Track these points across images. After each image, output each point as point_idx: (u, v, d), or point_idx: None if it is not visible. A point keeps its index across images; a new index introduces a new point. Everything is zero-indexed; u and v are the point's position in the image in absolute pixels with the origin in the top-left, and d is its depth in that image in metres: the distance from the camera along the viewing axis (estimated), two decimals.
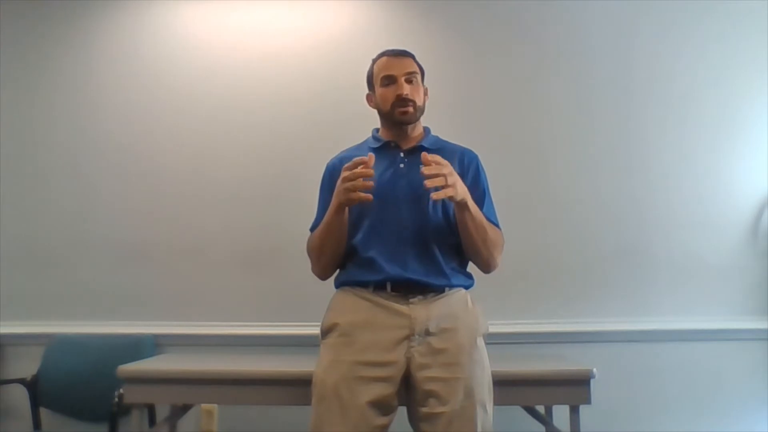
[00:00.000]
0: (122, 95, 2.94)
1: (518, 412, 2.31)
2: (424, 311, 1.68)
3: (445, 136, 2.94)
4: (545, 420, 2.34)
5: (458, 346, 1.64)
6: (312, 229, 1.89)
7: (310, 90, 2.88)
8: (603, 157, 2.82)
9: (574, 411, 2.03)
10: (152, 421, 2.46)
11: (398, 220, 1.73)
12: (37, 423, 2.69)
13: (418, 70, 1.89)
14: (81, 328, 2.79)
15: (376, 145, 1.89)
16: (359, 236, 1.77)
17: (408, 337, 1.67)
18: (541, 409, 2.38)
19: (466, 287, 1.82)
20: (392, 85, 1.82)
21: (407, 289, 1.70)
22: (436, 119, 2.84)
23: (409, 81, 1.83)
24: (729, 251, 2.75)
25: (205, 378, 2.13)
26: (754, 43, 2.81)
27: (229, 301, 2.81)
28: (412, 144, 1.86)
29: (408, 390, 1.67)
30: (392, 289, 1.71)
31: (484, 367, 1.67)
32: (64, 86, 2.96)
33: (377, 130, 1.97)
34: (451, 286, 1.74)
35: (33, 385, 2.70)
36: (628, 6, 2.87)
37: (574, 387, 2.04)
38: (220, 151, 2.89)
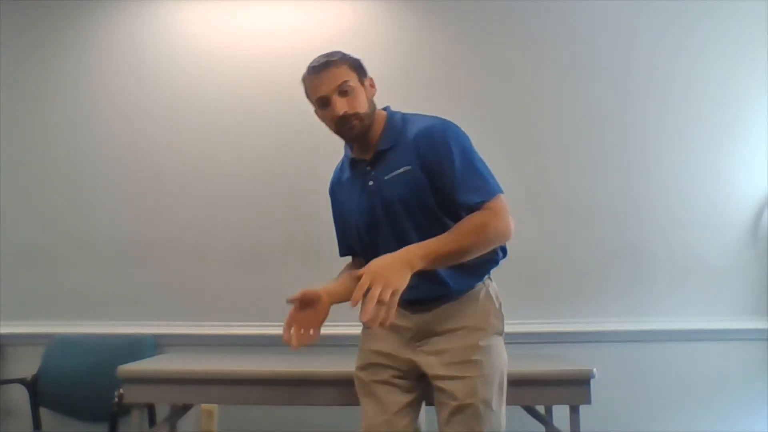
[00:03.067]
0: (122, 95, 2.94)
1: (518, 412, 2.31)
2: (428, 315, 1.66)
3: None
4: (545, 420, 2.34)
5: (463, 346, 1.62)
6: (340, 253, 1.85)
7: None
8: (603, 157, 2.82)
9: (574, 411, 2.03)
10: (152, 421, 2.47)
11: (384, 243, 1.64)
12: (37, 423, 2.69)
13: (349, 72, 1.68)
14: (81, 328, 2.79)
15: (348, 162, 1.80)
16: (364, 257, 1.73)
17: (413, 338, 1.66)
18: (541, 409, 2.38)
19: (469, 286, 1.69)
20: (328, 107, 1.66)
21: (410, 304, 1.65)
22: None
23: (343, 93, 1.65)
24: (729, 251, 2.75)
25: (205, 378, 2.13)
26: (754, 43, 2.81)
27: (229, 301, 2.81)
28: (373, 152, 1.70)
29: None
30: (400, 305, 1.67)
31: (493, 365, 1.61)
32: (64, 86, 2.96)
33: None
34: (458, 291, 1.66)
35: (33, 385, 2.70)
36: (628, 6, 2.87)
37: (574, 387, 2.04)
38: (220, 151, 2.89)
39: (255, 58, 2.90)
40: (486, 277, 1.70)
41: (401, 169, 1.62)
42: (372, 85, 1.76)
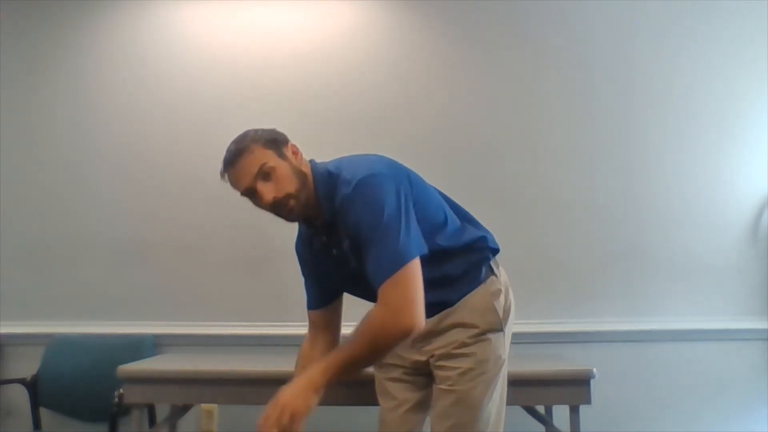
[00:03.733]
0: (122, 95, 2.94)
1: (518, 412, 2.31)
2: (429, 322, 1.64)
3: (444, 136, 2.95)
4: (545, 420, 2.34)
5: (454, 341, 1.62)
6: (308, 306, 1.77)
7: (311, 90, 2.88)
8: (603, 157, 2.82)
9: (574, 411, 2.03)
10: (152, 421, 2.47)
11: (366, 292, 1.59)
12: (37, 423, 2.69)
13: (264, 154, 1.56)
14: (81, 328, 2.79)
15: (300, 228, 1.75)
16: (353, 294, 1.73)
17: (416, 340, 1.65)
18: (541, 409, 2.38)
19: (468, 291, 1.66)
20: (256, 197, 1.56)
21: None
22: (436, 120, 2.86)
23: (266, 177, 1.53)
24: (729, 251, 2.75)
25: (205, 378, 2.13)
26: (754, 43, 2.81)
27: (229, 301, 2.81)
28: (320, 220, 1.60)
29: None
30: None
31: (481, 360, 1.59)
32: (64, 86, 2.96)
33: None
34: (457, 299, 1.64)
35: (33, 385, 2.70)
36: (628, 6, 2.87)
37: (574, 387, 2.04)
38: (221, 151, 2.88)
39: (255, 58, 2.90)
40: (484, 276, 1.67)
41: (345, 245, 1.55)
42: (295, 152, 1.62)
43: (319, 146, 3.05)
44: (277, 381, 2.08)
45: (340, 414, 2.15)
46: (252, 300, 2.80)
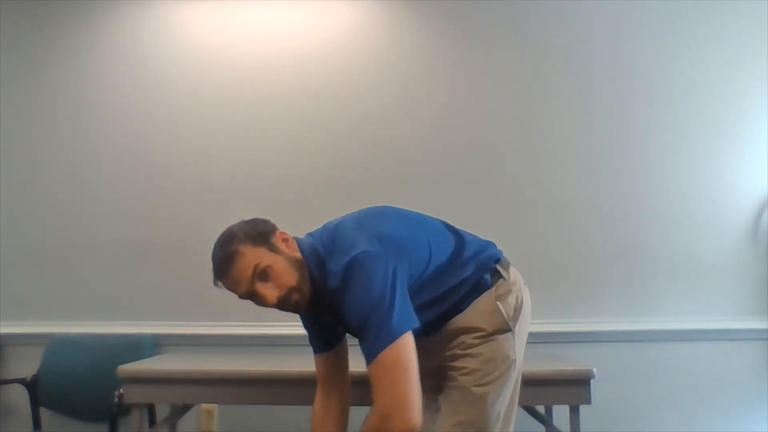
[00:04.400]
0: (122, 95, 2.94)
1: (518, 412, 2.30)
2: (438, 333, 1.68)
3: (444, 136, 2.95)
4: (545, 420, 2.34)
5: (462, 342, 1.64)
6: (314, 351, 1.79)
7: (311, 90, 2.88)
8: (603, 158, 2.82)
9: (574, 411, 2.03)
10: (152, 421, 2.46)
11: None
12: (37, 423, 2.69)
13: (254, 254, 1.51)
14: (81, 328, 2.79)
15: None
16: None
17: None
18: (541, 409, 2.38)
19: (474, 299, 1.66)
20: (259, 299, 1.52)
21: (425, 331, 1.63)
22: (436, 120, 2.86)
23: (263, 278, 1.49)
24: (729, 251, 2.75)
25: (205, 378, 2.13)
26: (754, 43, 2.81)
27: (229, 301, 2.79)
28: (323, 302, 1.57)
29: None
30: None
31: (485, 359, 1.60)
32: (64, 86, 2.96)
33: None
34: (465, 308, 1.65)
35: (33, 385, 2.70)
36: (628, 6, 2.87)
37: (574, 387, 2.03)
38: (220, 151, 2.89)
39: (255, 58, 2.90)
40: (489, 284, 1.66)
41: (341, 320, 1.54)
42: (285, 240, 1.56)
43: (319, 146, 3.07)
44: (277, 381, 2.10)
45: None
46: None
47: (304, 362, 2.16)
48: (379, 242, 1.50)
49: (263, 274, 1.49)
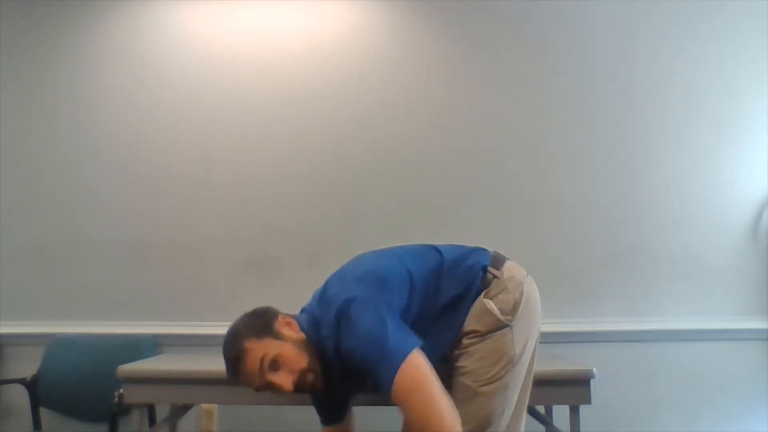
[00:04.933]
0: (122, 95, 2.94)
1: None
2: None
3: (444, 137, 2.96)
4: (545, 420, 2.34)
5: (457, 344, 1.66)
6: (322, 422, 1.85)
7: (311, 90, 2.88)
8: (603, 158, 2.82)
9: (574, 411, 2.03)
10: (152, 421, 2.46)
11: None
12: (37, 423, 2.69)
13: (260, 346, 1.53)
14: (81, 328, 2.79)
15: None
16: None
17: None
18: (541, 409, 2.38)
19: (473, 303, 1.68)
20: (276, 389, 1.53)
21: None
22: (436, 120, 2.86)
23: (274, 368, 1.51)
24: (729, 251, 2.75)
25: (205, 378, 2.12)
26: (754, 43, 2.81)
27: (229, 301, 2.81)
28: (334, 370, 1.58)
29: None
30: None
31: (483, 357, 1.62)
32: (64, 86, 2.96)
33: None
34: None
35: (33, 385, 2.70)
36: (628, 6, 2.87)
37: (574, 387, 2.03)
38: (221, 151, 2.89)
39: (255, 58, 2.90)
40: (480, 290, 1.68)
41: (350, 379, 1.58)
42: (288, 323, 1.59)
43: (319, 146, 3.07)
44: None
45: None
46: (252, 300, 2.78)
47: None
48: (358, 284, 1.55)
49: (274, 364, 1.51)
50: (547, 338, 2.64)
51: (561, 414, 2.23)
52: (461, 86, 2.88)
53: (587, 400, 2.01)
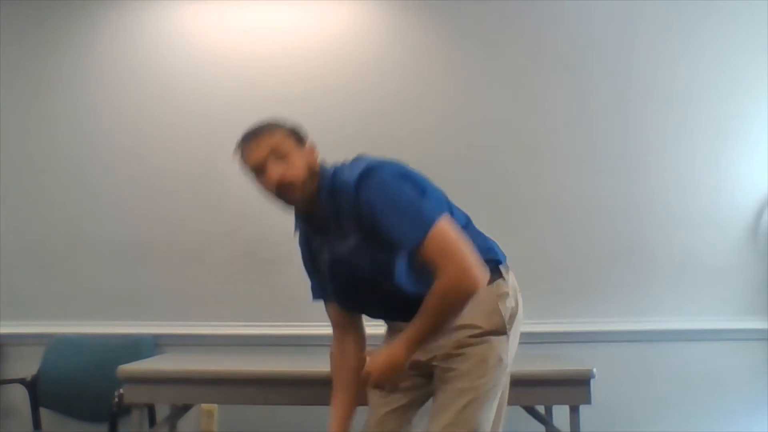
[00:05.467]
0: (122, 95, 2.93)
1: (518, 412, 2.31)
2: None
3: (444, 137, 2.95)
4: (545, 420, 2.34)
5: (456, 341, 1.61)
6: (312, 296, 1.80)
7: (311, 90, 2.87)
8: (603, 158, 2.82)
9: (574, 411, 2.03)
10: (152, 421, 2.46)
11: (363, 294, 1.64)
12: (37, 423, 2.69)
13: (284, 139, 1.60)
14: (81, 328, 2.79)
15: (298, 223, 1.75)
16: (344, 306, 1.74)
17: None
18: (541, 409, 2.38)
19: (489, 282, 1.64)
20: (264, 174, 1.58)
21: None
22: (436, 120, 2.86)
23: (279, 158, 1.56)
24: (729, 251, 2.75)
25: (205, 378, 2.13)
26: (754, 43, 2.81)
27: (229, 301, 2.81)
28: (318, 220, 1.64)
29: None
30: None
31: (479, 363, 1.58)
32: (63, 86, 2.96)
33: None
34: None
35: (33, 385, 2.70)
36: (628, 6, 2.87)
37: (574, 387, 2.04)
38: (221, 151, 2.88)
39: (255, 58, 2.90)
40: (491, 278, 1.62)
41: (351, 242, 1.55)
42: (312, 151, 1.65)
43: (319, 145, 3.06)
44: (277, 381, 2.10)
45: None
46: (252, 300, 2.80)
47: (304, 362, 2.16)
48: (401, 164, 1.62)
49: (280, 156, 1.56)
50: (548, 338, 2.67)
51: (561, 414, 2.23)
52: (461, 86, 2.88)
53: (587, 400, 2.02)
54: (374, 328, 1.77)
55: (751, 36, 2.82)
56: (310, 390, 2.03)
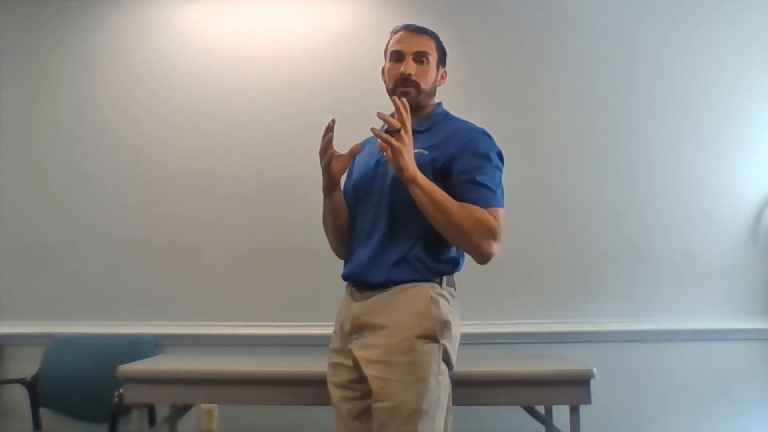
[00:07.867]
0: (122, 95, 2.94)
1: (518, 412, 2.31)
2: (363, 306, 1.64)
3: None
4: (545, 420, 2.34)
5: (387, 345, 1.57)
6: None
7: (311, 90, 2.87)
8: (603, 157, 2.82)
9: (574, 411, 2.03)
10: (152, 421, 2.46)
11: (369, 213, 1.70)
12: (37, 423, 2.69)
13: (434, 51, 1.76)
14: (81, 328, 2.79)
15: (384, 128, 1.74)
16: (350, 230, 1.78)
17: (351, 330, 1.66)
18: (541, 409, 2.38)
19: (409, 279, 1.63)
20: (399, 63, 1.71)
21: (360, 284, 1.68)
22: None
23: (419, 61, 1.71)
24: (729, 251, 2.75)
25: (205, 378, 2.13)
26: (754, 43, 2.81)
27: (229, 301, 2.81)
28: (421, 120, 1.74)
29: None
30: (353, 284, 1.71)
31: (414, 371, 1.54)
32: (63, 86, 2.96)
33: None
34: (395, 282, 1.61)
35: (33, 385, 2.70)
36: (628, 6, 2.87)
37: (574, 387, 2.04)
38: (220, 151, 2.89)
39: (255, 57, 2.90)
40: (434, 280, 1.65)
41: (422, 150, 1.64)
42: (443, 77, 1.82)
43: (319, 145, 3.05)
44: (277, 381, 2.10)
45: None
46: (252, 300, 2.80)
47: (304, 362, 2.16)
48: None
49: (421, 61, 1.72)
50: (548, 338, 2.67)
51: (561, 414, 2.23)
52: (461, 86, 2.87)
53: (587, 400, 2.02)
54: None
55: (751, 36, 2.81)
56: (310, 390, 2.03)
